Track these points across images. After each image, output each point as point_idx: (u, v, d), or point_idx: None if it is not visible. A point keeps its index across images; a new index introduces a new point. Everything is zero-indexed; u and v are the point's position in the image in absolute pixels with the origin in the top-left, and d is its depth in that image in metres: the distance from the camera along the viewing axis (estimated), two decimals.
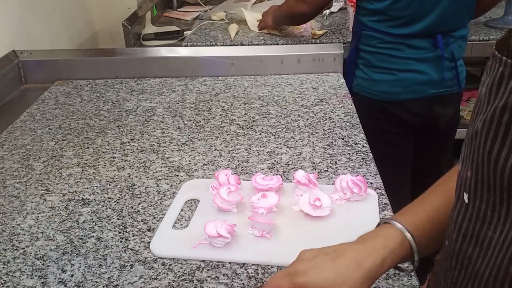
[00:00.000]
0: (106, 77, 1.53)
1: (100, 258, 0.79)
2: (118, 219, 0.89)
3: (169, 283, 0.74)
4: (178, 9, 2.41)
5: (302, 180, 0.91)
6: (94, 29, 2.20)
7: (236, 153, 1.09)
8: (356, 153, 1.06)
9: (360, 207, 0.88)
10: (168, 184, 0.98)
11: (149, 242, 0.82)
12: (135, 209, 0.91)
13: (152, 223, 0.87)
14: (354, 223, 0.84)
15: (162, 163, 1.06)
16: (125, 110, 1.32)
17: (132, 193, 0.96)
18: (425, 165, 1.63)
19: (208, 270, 0.76)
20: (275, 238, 0.81)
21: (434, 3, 1.38)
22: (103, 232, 0.85)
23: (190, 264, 0.77)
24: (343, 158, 1.05)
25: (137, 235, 0.84)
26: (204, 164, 1.05)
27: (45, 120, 1.28)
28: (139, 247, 0.82)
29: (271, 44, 1.86)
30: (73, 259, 0.79)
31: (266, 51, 1.59)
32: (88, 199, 0.94)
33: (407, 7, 1.39)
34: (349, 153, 1.06)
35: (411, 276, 0.73)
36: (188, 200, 0.93)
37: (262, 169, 1.02)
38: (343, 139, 1.12)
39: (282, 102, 1.33)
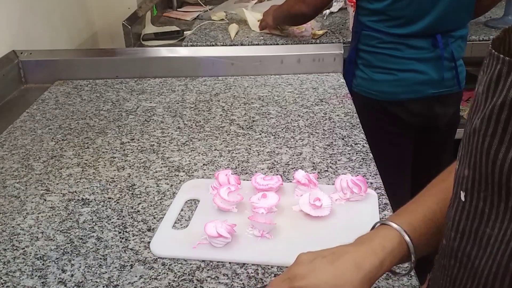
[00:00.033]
0: (106, 77, 1.53)
1: (100, 258, 0.79)
2: (118, 219, 0.89)
3: (169, 283, 0.74)
4: (178, 9, 2.41)
5: (302, 180, 0.91)
6: (94, 29, 2.20)
7: (236, 153, 1.09)
8: (356, 153, 1.06)
9: (360, 207, 0.88)
10: (168, 184, 0.98)
11: (149, 242, 0.82)
12: (135, 209, 0.91)
13: (152, 223, 0.87)
14: (354, 223, 0.84)
15: (162, 163, 1.06)
16: (125, 110, 1.32)
17: (132, 193, 0.96)
18: (425, 165, 1.63)
19: (208, 270, 0.76)
20: (275, 238, 0.81)
21: (433, 3, 1.38)
22: (103, 232, 0.85)
23: (190, 264, 0.77)
24: (343, 158, 1.05)
25: (137, 235, 0.84)
26: (204, 164, 1.05)
27: (45, 120, 1.28)
28: (139, 247, 0.82)
29: (271, 44, 1.86)
30: (73, 259, 0.79)
31: (266, 51, 1.59)
32: (88, 199, 0.94)
33: (407, 7, 1.39)
34: (349, 153, 1.06)
35: (411, 276, 0.73)
36: (188, 200, 0.93)
37: (262, 169, 1.02)
38: (343, 139, 1.12)
39: (282, 102, 1.33)
